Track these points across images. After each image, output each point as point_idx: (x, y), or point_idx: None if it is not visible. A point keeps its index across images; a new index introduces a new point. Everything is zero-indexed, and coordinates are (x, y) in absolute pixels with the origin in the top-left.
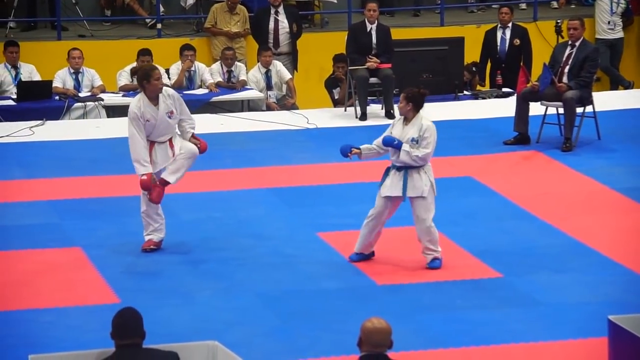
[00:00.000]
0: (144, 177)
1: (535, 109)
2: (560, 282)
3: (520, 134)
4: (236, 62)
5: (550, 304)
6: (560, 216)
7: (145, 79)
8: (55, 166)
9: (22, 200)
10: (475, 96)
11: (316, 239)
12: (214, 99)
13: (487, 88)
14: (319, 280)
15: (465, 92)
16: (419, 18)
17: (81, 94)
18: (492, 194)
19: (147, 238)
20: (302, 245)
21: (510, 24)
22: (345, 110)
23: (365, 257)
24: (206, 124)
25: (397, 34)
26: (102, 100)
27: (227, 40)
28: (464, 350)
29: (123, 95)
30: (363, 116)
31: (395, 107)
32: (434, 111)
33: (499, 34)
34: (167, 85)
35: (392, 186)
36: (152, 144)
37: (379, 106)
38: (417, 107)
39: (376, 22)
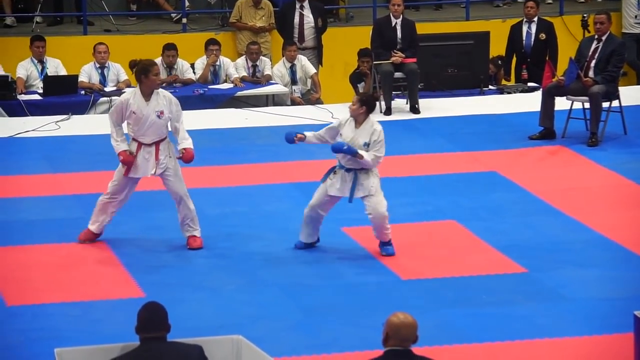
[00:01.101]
0: (120, 158)
1: (561, 103)
2: (586, 277)
3: (546, 128)
4: (261, 57)
5: (575, 299)
6: (586, 211)
7: (143, 73)
8: (81, 160)
9: (47, 194)
10: (501, 91)
11: (340, 233)
12: (239, 93)
13: (512, 83)
14: (343, 274)
15: (491, 87)
16: (445, 12)
17: (107, 89)
18: (517, 189)
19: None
20: (326, 240)
21: (536, 18)
22: None
23: (310, 245)
24: (231, 118)
25: (422, 28)
26: None
27: (252, 34)
28: (489, 345)
29: None
30: (388, 111)
31: (421, 101)
32: (459, 106)
33: (525, 28)
34: (193, 81)
35: (341, 187)
36: (139, 145)
37: (403, 101)
38: (370, 111)
39: (401, 16)
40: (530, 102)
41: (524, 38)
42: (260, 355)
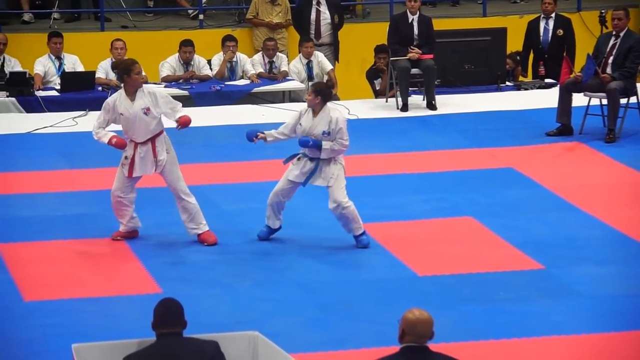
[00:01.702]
0: (114, 140)
1: (578, 100)
2: (603, 274)
3: (563, 125)
4: (278, 53)
5: (592, 295)
6: (603, 207)
7: (125, 73)
8: (98, 156)
9: (65, 190)
10: (518, 87)
11: None
12: (255, 89)
13: (529, 79)
14: (360, 271)
15: (508, 83)
16: (461, 9)
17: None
18: (534, 186)
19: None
20: (342, 236)
21: (553, 14)
22: (387, 101)
23: (274, 231)
24: (247, 114)
25: (439, 24)
26: None
27: (269, 31)
28: (505, 342)
29: (165, 86)
30: (404, 107)
31: (437, 97)
32: (476, 102)
33: (542, 24)
34: (210, 77)
35: (301, 174)
36: (135, 145)
37: (420, 97)
38: (325, 100)
39: (418, 12)
40: (547, 98)
41: (541, 34)
42: (276, 351)
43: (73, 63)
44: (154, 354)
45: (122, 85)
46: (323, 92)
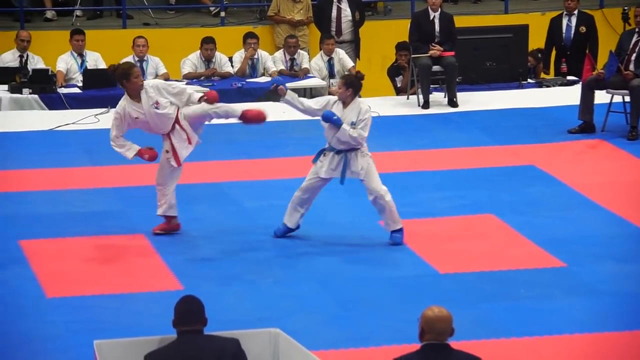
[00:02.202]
0: (146, 157)
1: (601, 97)
2: (625, 272)
3: (585, 122)
4: (299, 50)
5: (614, 294)
6: (626, 205)
7: (124, 78)
8: (120, 154)
9: (87, 187)
10: (540, 84)
11: (378, 227)
12: None
13: (551, 76)
14: (381, 268)
15: (529, 80)
16: (483, 5)
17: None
18: (556, 183)
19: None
20: (363, 234)
21: (576, 11)
22: (408, 99)
23: (291, 230)
24: (269, 111)
25: (460, 21)
26: None
27: (290, 28)
28: (527, 340)
29: (187, 83)
30: (425, 104)
31: (459, 95)
32: (498, 99)
33: (565, 21)
34: (231, 74)
35: (330, 169)
36: (167, 136)
37: (441, 94)
38: (356, 92)
39: (439, 9)
40: (569, 95)
41: (563, 31)
42: (297, 348)
43: (95, 60)
44: (175, 352)
45: (122, 87)
46: (354, 84)
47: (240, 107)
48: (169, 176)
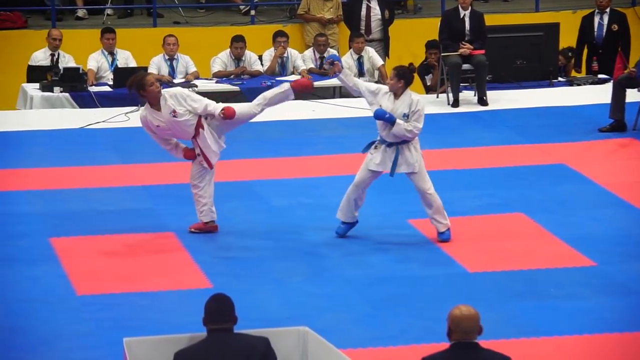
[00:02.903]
0: (185, 153)
1: (632, 95)
2: None
3: (616, 121)
4: (328, 49)
5: None
6: None
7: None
8: (150, 152)
9: (117, 185)
10: (570, 83)
11: (407, 225)
12: None
13: (583, 74)
14: (410, 266)
15: (560, 79)
16: (514, 4)
17: (175, 80)
18: (587, 182)
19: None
20: (393, 232)
21: (608, 9)
22: (438, 97)
23: (352, 226)
24: (298, 110)
25: (491, 20)
26: (196, 86)
27: (320, 26)
28: (557, 339)
29: (217, 82)
30: (455, 103)
31: (489, 93)
32: (528, 98)
33: (597, 19)
34: (261, 73)
35: (382, 162)
36: (194, 141)
37: (471, 92)
38: (407, 84)
39: (470, 8)
40: (600, 94)
41: (595, 29)
42: (326, 347)
43: (126, 59)
44: (205, 350)
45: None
46: (405, 76)
47: (285, 83)
48: (202, 177)
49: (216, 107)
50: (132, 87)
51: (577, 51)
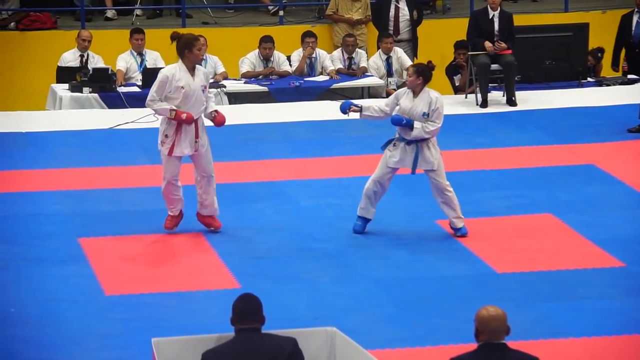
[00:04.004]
0: (184, 116)
1: None
2: None
3: None
4: (357, 49)
5: None
6: None
7: (187, 48)
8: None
9: (146, 185)
10: (599, 83)
11: (435, 226)
12: (335, 85)
13: (619, 74)
14: (438, 267)
15: (589, 79)
16: (543, 4)
17: None
18: (616, 182)
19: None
20: (420, 233)
21: None
22: (466, 97)
23: (368, 222)
24: (326, 110)
25: (519, 20)
26: (225, 87)
27: (349, 27)
28: (585, 340)
29: (245, 82)
30: (484, 103)
31: (517, 94)
32: (557, 98)
33: (635, 18)
34: (290, 73)
35: (402, 159)
36: (179, 124)
37: (500, 93)
38: (426, 81)
39: (499, 8)
40: (629, 94)
41: (633, 28)
42: (354, 347)
43: (154, 59)
44: (233, 350)
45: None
46: (425, 73)
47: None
48: (176, 166)
49: (213, 105)
50: (179, 41)
51: (614, 50)
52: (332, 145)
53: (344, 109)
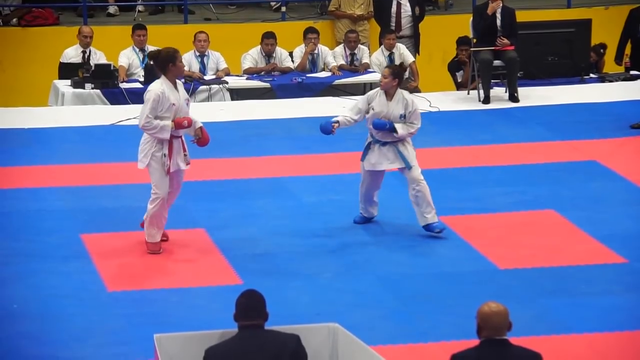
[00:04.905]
0: (185, 122)
1: None
2: None
3: None
4: (359, 45)
5: None
6: None
7: (171, 62)
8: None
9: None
10: (602, 79)
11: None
12: (337, 82)
13: (622, 70)
14: (440, 263)
15: (592, 75)
16: (545, 0)
17: (206, 77)
18: (618, 179)
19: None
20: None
21: None
22: (468, 94)
23: (368, 220)
24: (328, 106)
25: (522, 16)
26: (227, 83)
27: (351, 23)
28: (587, 336)
29: (247, 78)
30: (486, 99)
31: (520, 90)
32: (559, 94)
33: None
34: (292, 69)
35: (379, 162)
36: (171, 139)
37: (502, 89)
38: (400, 83)
39: (501, 4)
40: (632, 90)
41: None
42: (356, 343)
43: None
44: (236, 346)
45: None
46: (400, 75)
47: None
48: (166, 182)
49: (196, 120)
50: (159, 57)
51: (619, 44)
52: (334, 141)
53: (328, 130)
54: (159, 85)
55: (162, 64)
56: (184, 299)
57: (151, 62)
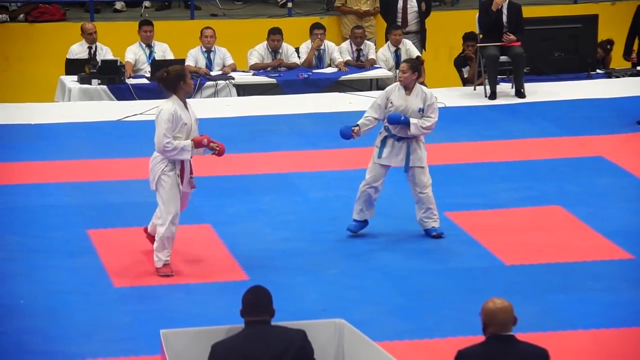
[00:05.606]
0: (204, 141)
1: None
2: None
3: None
4: (365, 41)
5: None
6: None
7: (181, 79)
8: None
9: None
10: (609, 75)
11: (444, 218)
12: (343, 77)
13: (629, 66)
14: (446, 259)
15: (598, 71)
16: None
17: (212, 73)
18: (625, 174)
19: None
20: None
21: None
22: (475, 89)
23: (364, 225)
24: (335, 102)
25: (528, 11)
26: (233, 79)
27: (357, 19)
28: (594, 332)
29: (254, 74)
30: (493, 95)
31: (526, 85)
32: (566, 90)
33: None
34: (298, 65)
35: (389, 156)
36: (182, 161)
37: (508, 85)
38: (419, 77)
39: (507, 0)
40: (639, 86)
41: None
42: (362, 339)
43: (163, 51)
44: (242, 342)
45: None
46: (419, 69)
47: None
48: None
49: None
50: (168, 76)
51: (627, 39)
52: (341, 137)
53: (348, 135)
54: (171, 105)
55: (173, 83)
56: (191, 294)
57: (160, 84)
